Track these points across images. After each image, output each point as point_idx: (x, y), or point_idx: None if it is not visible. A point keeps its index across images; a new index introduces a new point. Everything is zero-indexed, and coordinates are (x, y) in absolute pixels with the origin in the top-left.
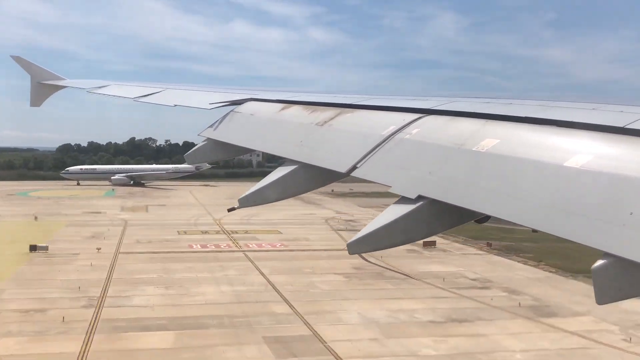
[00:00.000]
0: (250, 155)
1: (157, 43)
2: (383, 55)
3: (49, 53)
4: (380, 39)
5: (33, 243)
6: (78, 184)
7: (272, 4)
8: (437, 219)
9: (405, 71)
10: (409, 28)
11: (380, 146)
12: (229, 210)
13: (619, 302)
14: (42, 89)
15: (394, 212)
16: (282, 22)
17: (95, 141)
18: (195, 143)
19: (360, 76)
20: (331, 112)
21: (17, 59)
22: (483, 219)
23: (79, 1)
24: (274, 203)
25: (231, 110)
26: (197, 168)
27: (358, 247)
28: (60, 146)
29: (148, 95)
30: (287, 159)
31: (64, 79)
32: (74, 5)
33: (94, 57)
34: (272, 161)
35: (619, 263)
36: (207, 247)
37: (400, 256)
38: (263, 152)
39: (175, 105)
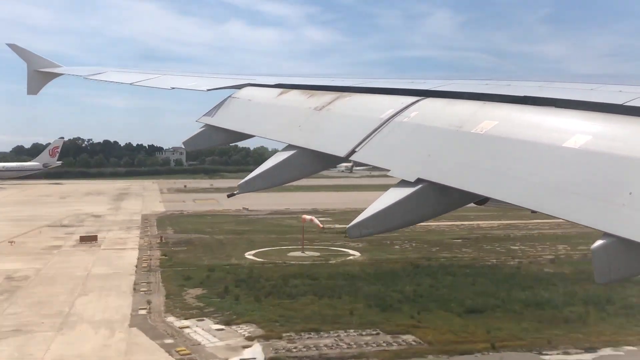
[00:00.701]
0: (173, 153)
1: (153, 45)
2: (379, 53)
3: (45, 56)
4: (375, 37)
5: None
6: None
7: (267, 5)
8: (436, 201)
9: (401, 68)
10: (404, 26)
11: (379, 130)
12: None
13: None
14: (39, 77)
15: (394, 195)
16: (277, 22)
17: (40, 142)
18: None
19: (357, 74)
20: (329, 96)
21: (13, 47)
22: (482, 200)
23: (74, 4)
24: (71, 198)
25: (229, 96)
26: (45, 166)
27: (357, 231)
28: (14, 147)
29: (145, 80)
30: (286, 144)
31: (60, 66)
32: (68, 8)
33: (90, 60)
34: (196, 158)
35: (618, 243)
36: None
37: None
38: (187, 151)
39: (172, 88)
